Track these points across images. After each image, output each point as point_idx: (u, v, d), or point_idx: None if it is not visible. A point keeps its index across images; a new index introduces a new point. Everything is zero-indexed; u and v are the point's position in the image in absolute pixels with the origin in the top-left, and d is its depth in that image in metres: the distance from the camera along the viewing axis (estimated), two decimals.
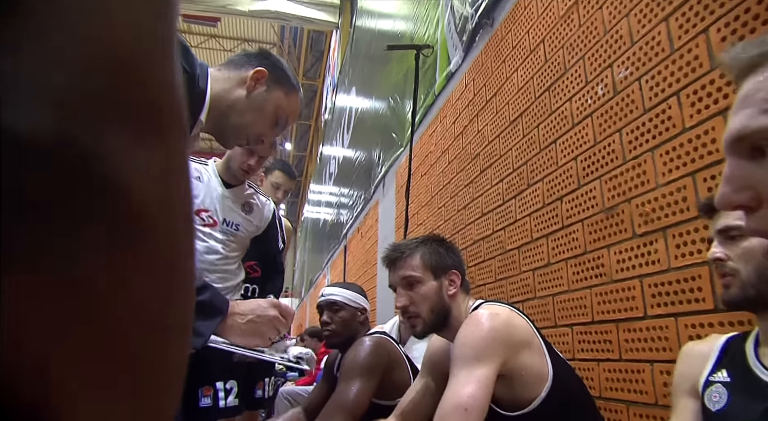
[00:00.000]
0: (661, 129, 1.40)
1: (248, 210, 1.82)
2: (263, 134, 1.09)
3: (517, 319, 1.16)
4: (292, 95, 1.11)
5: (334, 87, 10.11)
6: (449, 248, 1.34)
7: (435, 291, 1.25)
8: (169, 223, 0.18)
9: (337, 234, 7.83)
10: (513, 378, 1.08)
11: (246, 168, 1.75)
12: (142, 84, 0.17)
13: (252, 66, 1.06)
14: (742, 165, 0.44)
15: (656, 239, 1.40)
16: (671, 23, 1.37)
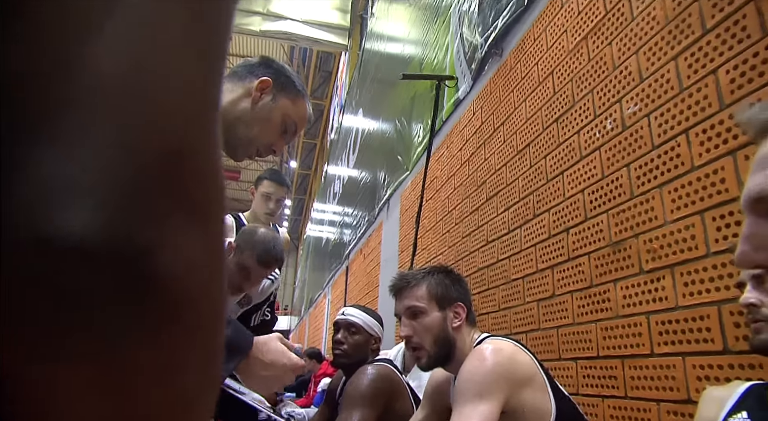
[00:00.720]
0: (669, 166, 1.40)
1: (245, 303, 1.80)
2: (273, 143, 1.07)
3: (520, 354, 1.15)
4: (298, 101, 1.09)
5: (342, 107, 10.21)
6: (456, 279, 1.33)
7: (439, 323, 1.24)
8: (208, 303, 0.18)
9: (339, 254, 7.81)
10: (515, 415, 1.06)
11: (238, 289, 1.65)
12: (190, 177, 0.17)
13: (256, 76, 1.04)
14: (761, 224, 0.44)
15: (663, 275, 1.39)
16: (680, 62, 1.39)
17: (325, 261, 9.57)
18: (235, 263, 1.55)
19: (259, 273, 1.58)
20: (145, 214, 0.15)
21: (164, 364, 0.16)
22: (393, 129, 4.90)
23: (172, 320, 0.16)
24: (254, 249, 1.54)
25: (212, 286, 0.18)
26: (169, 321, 0.16)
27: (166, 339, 0.16)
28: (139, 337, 0.15)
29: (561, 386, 1.23)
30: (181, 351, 0.17)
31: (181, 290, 0.16)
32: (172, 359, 0.16)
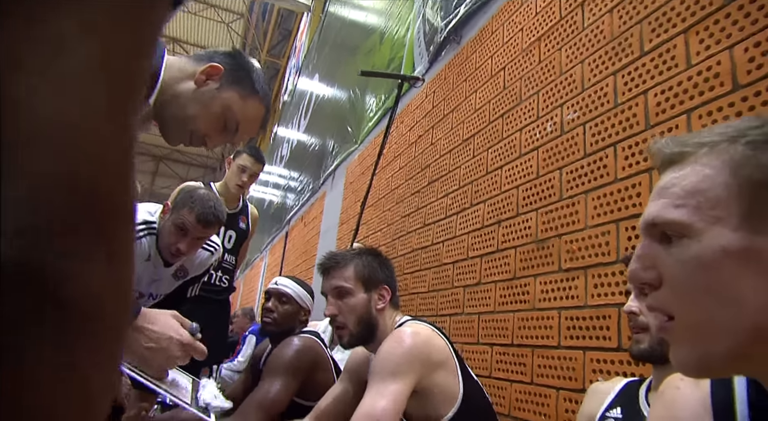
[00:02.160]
0: (596, 175, 1.49)
1: (182, 275, 1.73)
2: (207, 135, 1.01)
3: (437, 339, 1.22)
4: (249, 100, 1.03)
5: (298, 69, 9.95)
6: (383, 262, 1.38)
7: (364, 304, 1.29)
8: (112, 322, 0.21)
9: (280, 218, 7.75)
10: (426, 396, 1.14)
11: (175, 251, 1.56)
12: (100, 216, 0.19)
13: (212, 62, 0.99)
14: (653, 247, 0.49)
15: (578, 275, 1.50)
16: (618, 78, 1.47)
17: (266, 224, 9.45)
18: (171, 223, 1.50)
19: (198, 232, 1.50)
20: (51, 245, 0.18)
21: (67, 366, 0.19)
22: (347, 99, 4.86)
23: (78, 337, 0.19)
24: (193, 206, 1.48)
25: (117, 308, 0.21)
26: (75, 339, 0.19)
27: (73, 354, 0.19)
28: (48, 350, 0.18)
29: (471, 369, 1.32)
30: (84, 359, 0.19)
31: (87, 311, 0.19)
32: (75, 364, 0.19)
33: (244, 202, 2.72)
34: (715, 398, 0.54)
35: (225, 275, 2.60)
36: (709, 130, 0.50)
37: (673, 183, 0.49)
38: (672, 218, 0.47)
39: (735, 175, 0.45)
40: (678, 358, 0.47)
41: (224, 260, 2.57)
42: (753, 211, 0.44)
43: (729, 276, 0.44)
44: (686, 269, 0.46)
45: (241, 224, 2.67)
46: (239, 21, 14.13)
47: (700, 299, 0.45)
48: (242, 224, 2.67)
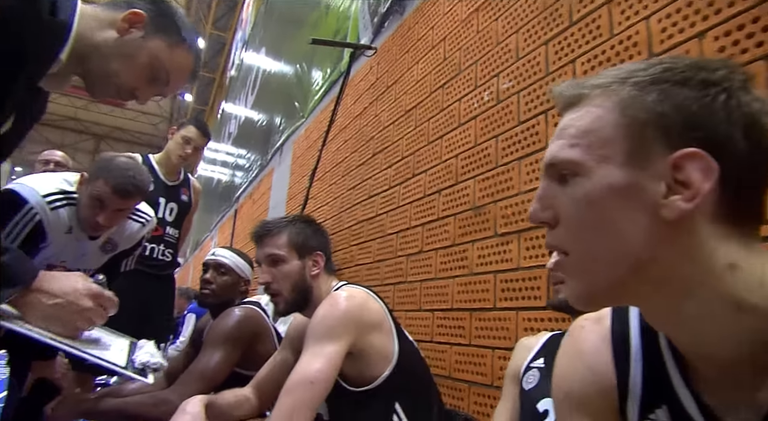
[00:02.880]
0: (529, 142, 1.54)
1: (110, 248, 1.64)
2: (136, 88, 0.96)
3: (371, 302, 1.25)
4: (177, 48, 0.97)
5: (244, 43, 9.65)
6: (317, 229, 1.39)
7: (298, 270, 1.30)
8: None
9: (228, 196, 7.59)
10: (361, 356, 1.17)
11: (94, 225, 1.46)
12: None
13: (131, 8, 0.93)
14: (550, 187, 0.51)
15: (512, 239, 1.55)
16: (550, 48, 1.51)
17: (215, 203, 9.25)
18: (87, 195, 1.41)
19: (116, 203, 1.42)
20: None
21: None
22: (293, 73, 4.77)
23: None
24: (109, 176, 1.38)
25: None
26: None
27: None
28: None
29: (408, 334, 1.36)
30: None
31: None
32: None
33: (186, 174, 2.64)
34: (613, 331, 0.58)
35: (168, 249, 2.54)
36: (605, 73, 0.51)
37: (569, 124, 0.50)
38: (566, 157, 0.49)
39: (623, 115, 0.47)
40: (569, 291, 0.50)
41: (166, 233, 2.51)
42: (637, 149, 0.46)
43: (614, 212, 0.46)
44: (578, 206, 0.48)
45: (183, 196, 2.60)
46: None
47: (588, 234, 0.48)
48: (184, 196, 2.60)
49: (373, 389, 1.17)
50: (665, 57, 0.50)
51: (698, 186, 0.44)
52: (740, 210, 0.46)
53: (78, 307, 0.89)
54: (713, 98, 0.45)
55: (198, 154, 2.60)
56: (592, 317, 0.62)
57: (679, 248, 0.45)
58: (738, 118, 0.45)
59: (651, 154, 0.46)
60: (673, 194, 0.45)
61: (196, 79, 1.09)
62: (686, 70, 0.47)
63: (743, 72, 0.47)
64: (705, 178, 0.44)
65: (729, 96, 0.45)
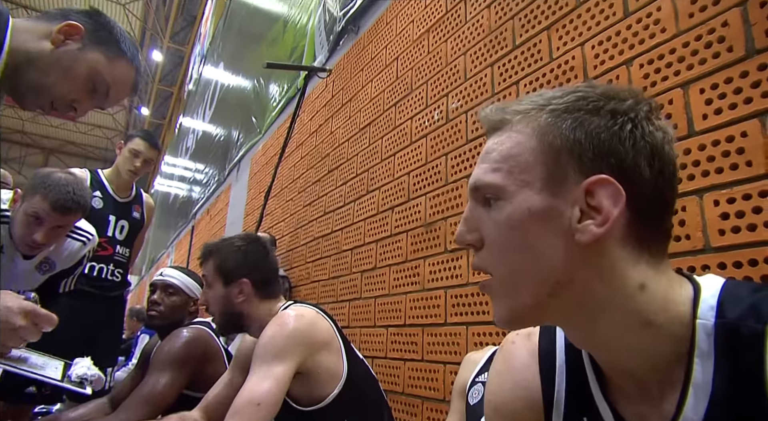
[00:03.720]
0: (477, 160, 1.58)
1: (47, 268, 1.59)
2: (75, 100, 0.94)
3: (320, 321, 1.24)
4: (117, 61, 0.97)
5: (203, 57, 9.53)
6: (253, 253, 1.35)
7: (222, 297, 1.30)
8: None
9: (186, 212, 7.43)
10: (310, 376, 1.16)
11: (30, 243, 1.42)
12: None
13: (66, 20, 0.92)
14: (476, 210, 0.53)
15: (461, 255, 1.58)
16: (495, 69, 1.56)
17: (171, 219, 9.03)
18: (23, 212, 1.36)
19: (55, 220, 1.38)
20: None
21: None
22: (251, 88, 4.75)
23: None
24: (47, 192, 1.35)
25: None
26: None
27: None
28: None
29: (358, 350, 1.36)
30: None
31: None
32: None
33: (138, 190, 2.57)
34: (541, 347, 0.60)
35: (118, 269, 2.45)
36: (526, 98, 0.53)
37: (493, 148, 0.52)
38: (489, 181, 0.51)
39: (540, 142, 0.49)
40: (495, 312, 0.52)
41: (116, 253, 2.43)
42: (553, 175, 0.48)
43: (533, 235, 0.48)
44: (500, 229, 0.50)
45: (135, 213, 2.52)
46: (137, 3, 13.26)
47: (509, 256, 0.49)
48: (136, 213, 2.53)
49: (322, 409, 1.17)
50: (581, 84, 0.52)
51: (608, 211, 0.46)
52: (648, 233, 0.49)
53: (10, 325, 0.86)
54: (620, 127, 0.47)
55: (148, 166, 2.53)
56: (523, 333, 0.64)
57: (594, 270, 0.47)
58: (642, 147, 0.47)
59: (566, 180, 0.48)
60: (587, 219, 0.47)
61: (137, 91, 1.08)
62: (598, 100, 0.49)
63: (649, 102, 0.50)
64: (614, 203, 0.46)
65: (634, 126, 0.48)
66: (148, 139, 2.48)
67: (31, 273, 1.53)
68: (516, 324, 0.53)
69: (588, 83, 0.54)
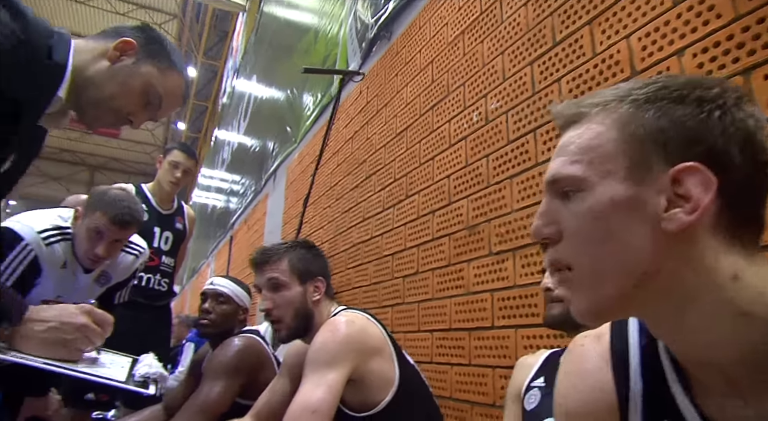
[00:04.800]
0: (519, 160, 1.56)
1: (105, 281, 1.66)
2: (131, 113, 0.99)
3: (371, 327, 1.24)
4: (169, 73, 1.01)
5: (236, 71, 9.76)
6: (316, 254, 1.39)
7: (299, 296, 1.29)
8: None
9: (224, 223, 7.58)
10: (362, 382, 1.16)
11: (93, 257, 1.49)
12: None
13: (121, 37, 0.96)
14: (553, 203, 0.53)
15: (507, 257, 1.56)
16: (535, 68, 1.54)
17: (210, 229, 9.23)
18: (85, 228, 1.43)
19: (114, 234, 1.44)
20: None
21: None
22: (285, 99, 4.82)
23: None
24: (106, 208, 1.42)
25: None
26: None
27: None
28: None
29: (408, 356, 1.35)
30: None
31: None
32: None
33: (179, 202, 2.66)
34: (613, 349, 0.58)
35: (164, 279, 2.53)
36: (603, 92, 0.53)
37: (570, 141, 0.52)
38: (568, 173, 0.50)
39: (622, 132, 0.49)
40: (575, 306, 0.51)
41: (162, 263, 2.50)
42: (637, 164, 0.48)
43: (617, 225, 0.47)
44: (582, 220, 0.49)
45: (178, 225, 2.60)
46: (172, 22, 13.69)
47: (593, 248, 0.49)
48: (179, 225, 2.60)
49: (376, 415, 1.16)
50: (661, 76, 0.51)
51: (698, 199, 0.45)
52: (740, 222, 0.47)
53: (74, 324, 0.90)
54: (708, 114, 0.47)
55: (188, 177, 2.61)
56: (592, 334, 0.62)
57: (683, 259, 0.46)
58: (732, 133, 0.46)
59: (651, 169, 0.47)
60: (674, 207, 0.46)
61: (186, 102, 1.11)
62: (682, 88, 0.48)
63: (737, 90, 0.49)
64: (704, 191, 0.45)
65: (723, 112, 0.47)
66: (185, 150, 2.57)
67: (91, 286, 1.59)
68: (599, 317, 0.52)
69: (668, 74, 0.53)
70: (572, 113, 0.53)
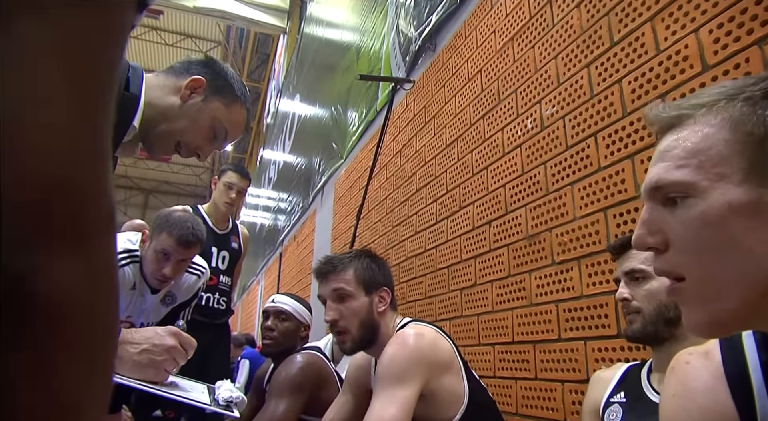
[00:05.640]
0: (580, 166, 1.51)
1: (170, 301, 1.72)
2: (199, 147, 1.03)
3: (441, 340, 1.21)
4: (233, 107, 1.05)
5: (279, 91, 10.01)
6: (381, 264, 1.37)
7: (365, 307, 1.27)
8: (89, 317, 0.21)
9: (272, 240, 7.72)
10: (433, 398, 1.13)
11: (161, 277, 1.55)
12: (67, 210, 0.19)
13: (191, 74, 1.01)
14: (657, 211, 0.50)
15: (572, 267, 1.51)
16: (592, 70, 1.49)
17: (259, 247, 9.42)
18: (152, 250, 1.49)
19: (180, 254, 1.50)
20: (18, 245, 0.18)
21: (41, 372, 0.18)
22: (329, 116, 4.89)
23: (49, 335, 0.19)
24: (171, 229, 1.47)
25: (95, 304, 0.21)
26: (46, 336, 0.19)
27: (43, 351, 0.19)
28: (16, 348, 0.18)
29: (473, 370, 1.31)
30: (59, 361, 0.19)
31: (56, 309, 0.19)
32: (49, 367, 0.19)
33: (234, 222, 2.72)
34: (727, 366, 0.53)
35: (222, 297, 2.59)
36: (705, 92, 0.50)
37: (673, 145, 0.49)
38: (675, 179, 0.47)
39: (735, 132, 0.45)
40: (691, 319, 0.47)
41: (220, 282, 2.56)
42: (756, 165, 0.44)
43: (737, 231, 0.44)
44: (693, 228, 0.46)
45: (234, 244, 2.66)
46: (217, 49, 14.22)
47: (709, 256, 0.45)
48: (234, 244, 2.66)
49: None
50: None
51: None
52: None
53: (164, 346, 0.93)
54: None
55: (242, 197, 2.68)
56: (698, 351, 0.58)
57: None
58: None
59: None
60: None
61: (249, 130, 1.14)
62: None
63: None
64: None
65: None
66: (239, 171, 2.64)
67: (157, 306, 1.64)
68: (718, 331, 0.48)
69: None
70: (672, 116, 0.50)
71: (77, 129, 0.20)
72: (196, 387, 1.21)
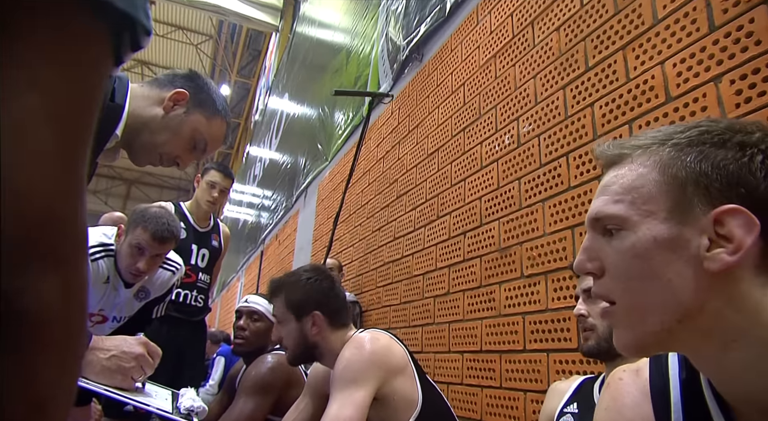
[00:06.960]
0: (552, 184, 1.57)
1: (144, 296, 1.74)
2: (178, 156, 1.08)
3: (395, 345, 1.26)
4: (214, 120, 1.10)
5: (268, 89, 10.00)
6: (320, 285, 1.37)
7: (296, 332, 1.32)
8: (65, 327, 0.25)
9: (255, 238, 7.71)
10: (386, 402, 1.17)
11: (135, 271, 1.57)
12: (50, 237, 0.23)
13: (175, 87, 1.04)
14: (596, 239, 0.54)
15: (539, 280, 1.56)
16: (567, 92, 1.55)
17: (241, 244, 9.38)
18: (127, 244, 1.51)
19: (154, 249, 1.52)
20: (10, 268, 0.22)
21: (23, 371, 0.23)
22: (316, 117, 4.92)
23: (31, 341, 0.23)
24: (147, 224, 1.49)
25: (70, 315, 0.25)
26: (29, 342, 0.23)
27: (26, 354, 0.23)
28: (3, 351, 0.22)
29: (434, 375, 1.36)
30: (38, 363, 0.23)
31: (38, 320, 0.23)
32: (29, 367, 0.23)
33: (215, 220, 2.73)
34: (652, 383, 0.59)
35: (200, 295, 2.60)
36: (644, 134, 0.55)
37: (613, 181, 0.54)
38: (611, 212, 0.52)
39: (663, 174, 0.51)
40: (619, 339, 0.52)
41: (198, 279, 2.57)
42: (679, 204, 0.49)
43: (659, 263, 0.49)
44: (624, 258, 0.51)
45: (214, 242, 2.67)
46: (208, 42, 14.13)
47: (635, 284, 0.50)
48: (215, 242, 2.68)
49: None
50: (702, 120, 0.53)
51: (741, 240, 0.46)
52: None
53: (133, 354, 0.96)
54: (750, 158, 0.48)
55: (224, 196, 2.69)
56: (631, 368, 0.63)
57: (725, 299, 0.47)
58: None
59: (692, 210, 0.49)
60: (716, 248, 0.47)
61: (226, 142, 1.19)
62: (723, 133, 0.50)
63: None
64: (747, 232, 0.46)
65: (766, 156, 0.48)
66: (222, 171, 2.65)
67: (130, 301, 1.66)
68: (641, 351, 0.53)
69: (710, 118, 0.55)
70: (615, 154, 0.55)
71: (61, 173, 0.24)
72: (160, 393, 1.24)
